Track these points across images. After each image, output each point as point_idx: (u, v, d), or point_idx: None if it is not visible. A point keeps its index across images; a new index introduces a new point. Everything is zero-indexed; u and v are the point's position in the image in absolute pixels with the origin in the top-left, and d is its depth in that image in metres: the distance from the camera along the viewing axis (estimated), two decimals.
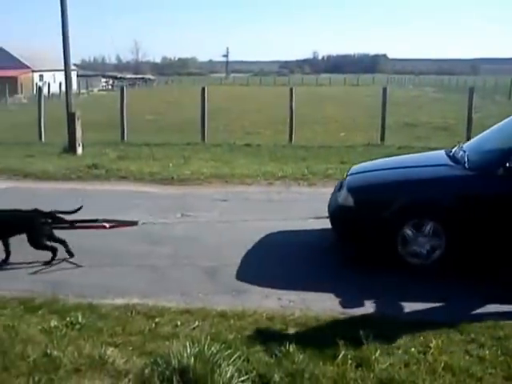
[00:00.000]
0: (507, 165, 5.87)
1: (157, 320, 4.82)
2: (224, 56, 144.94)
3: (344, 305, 5.32)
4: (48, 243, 6.49)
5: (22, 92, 53.38)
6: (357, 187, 6.76)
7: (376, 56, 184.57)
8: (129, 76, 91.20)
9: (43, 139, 18.35)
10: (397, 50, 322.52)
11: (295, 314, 4.97)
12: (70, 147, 15.11)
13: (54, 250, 6.49)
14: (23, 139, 18.16)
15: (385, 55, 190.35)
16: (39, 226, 6.44)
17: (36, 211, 6.52)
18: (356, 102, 39.55)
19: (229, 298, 5.53)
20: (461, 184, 6.30)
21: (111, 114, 20.62)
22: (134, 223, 7.37)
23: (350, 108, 34.49)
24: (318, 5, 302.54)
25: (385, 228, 6.16)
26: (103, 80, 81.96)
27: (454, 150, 7.03)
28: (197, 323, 4.77)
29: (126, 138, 17.40)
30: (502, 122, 7.32)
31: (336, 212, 6.80)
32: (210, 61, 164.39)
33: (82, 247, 6.73)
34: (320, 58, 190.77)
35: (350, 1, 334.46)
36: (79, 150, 15.13)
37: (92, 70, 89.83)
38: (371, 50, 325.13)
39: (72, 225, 6.70)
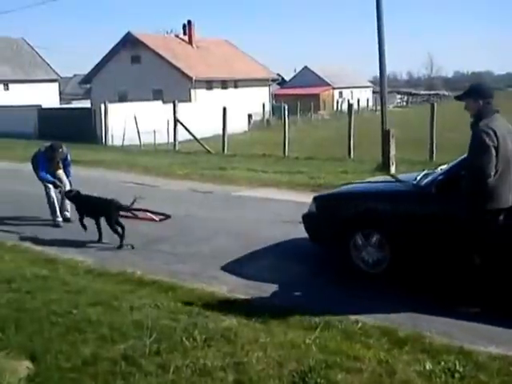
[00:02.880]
0: (438, 183, 6.10)
1: None
2: None
3: None
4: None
5: (324, 108, 56.20)
6: (320, 195, 7.81)
7: None
8: (422, 92, 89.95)
9: (352, 155, 18.64)
10: None
11: None
12: (384, 165, 14.98)
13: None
14: (332, 155, 18.68)
15: None
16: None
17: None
18: None
19: None
20: (402, 199, 6.71)
21: (411, 131, 20.09)
22: (168, 216, 9.60)
23: None
24: None
25: (338, 234, 6.83)
26: (398, 96, 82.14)
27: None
28: None
29: (434, 158, 16.67)
30: None
31: (305, 217, 7.52)
32: (508, 73, 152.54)
33: None
34: None
35: None
36: (392, 169, 14.89)
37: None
38: None
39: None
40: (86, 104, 41.50)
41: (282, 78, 62.39)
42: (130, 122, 24.96)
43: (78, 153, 20.39)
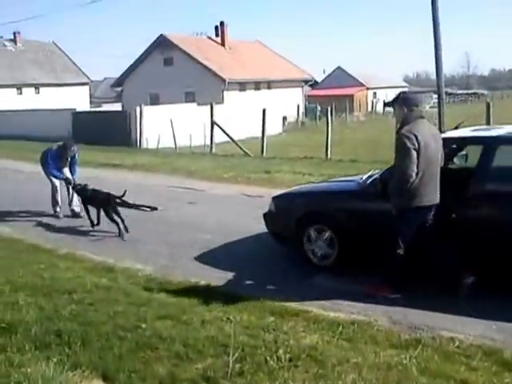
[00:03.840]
0: (375, 182, 6.60)
1: None
2: None
3: None
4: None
5: (359, 109, 55.61)
6: (277, 195, 8.16)
7: None
8: (459, 92, 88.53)
9: None
10: None
11: None
12: None
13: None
14: (376, 157, 18.18)
15: None
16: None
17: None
18: None
19: None
20: (347, 197, 7.21)
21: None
22: (154, 208, 9.68)
23: None
24: None
25: (293, 231, 7.35)
26: (434, 96, 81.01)
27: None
28: None
29: None
30: None
31: (265, 215, 8.04)
32: None
33: None
34: None
35: None
36: None
37: (416, 85, 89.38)
38: None
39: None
40: (117, 107, 41.60)
41: (315, 81, 61.83)
42: (166, 124, 24.74)
43: (116, 156, 20.47)
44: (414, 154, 5.71)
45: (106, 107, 43.99)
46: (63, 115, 29.55)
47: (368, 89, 63.40)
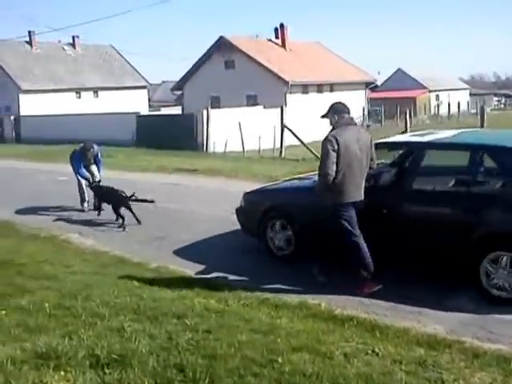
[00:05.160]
0: None
1: None
2: None
3: None
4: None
5: (424, 112, 54.16)
6: (247, 192, 8.78)
7: None
8: None
9: None
10: None
11: None
12: None
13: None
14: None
15: None
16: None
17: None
18: None
19: None
20: (302, 193, 7.72)
21: None
22: (152, 201, 10.78)
23: None
24: None
25: (259, 224, 8.01)
26: (495, 99, 78.98)
27: None
28: None
29: None
30: None
31: (237, 211, 8.75)
32: None
33: None
34: None
35: None
36: None
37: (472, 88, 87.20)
38: None
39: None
40: (177, 111, 41.35)
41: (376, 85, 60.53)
42: (232, 127, 24.17)
43: (186, 161, 20.03)
44: (333, 154, 6.25)
45: (164, 111, 43.82)
46: (127, 119, 29.32)
47: (430, 91, 61.74)
